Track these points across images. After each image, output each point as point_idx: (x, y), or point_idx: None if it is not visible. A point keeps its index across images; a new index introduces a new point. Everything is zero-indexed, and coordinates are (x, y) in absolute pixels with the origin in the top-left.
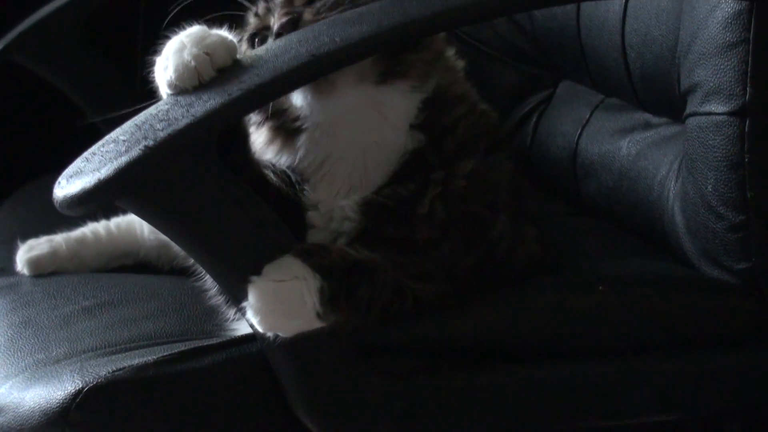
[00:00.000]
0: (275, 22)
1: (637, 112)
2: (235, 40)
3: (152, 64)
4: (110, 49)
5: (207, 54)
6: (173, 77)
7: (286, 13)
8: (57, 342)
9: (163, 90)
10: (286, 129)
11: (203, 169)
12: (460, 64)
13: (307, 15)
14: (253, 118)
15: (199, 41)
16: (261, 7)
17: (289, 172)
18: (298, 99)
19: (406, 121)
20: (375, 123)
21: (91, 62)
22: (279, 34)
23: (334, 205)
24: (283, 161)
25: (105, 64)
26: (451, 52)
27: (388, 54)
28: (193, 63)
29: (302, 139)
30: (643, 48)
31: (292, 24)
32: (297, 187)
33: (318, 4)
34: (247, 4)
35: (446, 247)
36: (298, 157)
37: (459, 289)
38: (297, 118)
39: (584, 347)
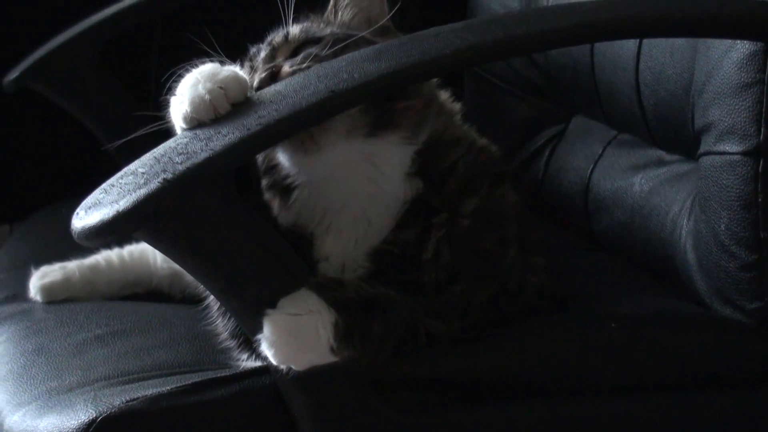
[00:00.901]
0: (257, 77)
1: (650, 149)
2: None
3: (167, 90)
4: (124, 75)
5: (221, 88)
6: (189, 110)
7: (266, 69)
8: (70, 370)
9: (179, 125)
10: (280, 186)
11: (221, 203)
12: (456, 107)
13: (286, 68)
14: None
15: (212, 76)
16: (246, 67)
17: (293, 229)
18: (282, 158)
19: (401, 171)
20: (369, 175)
21: (106, 89)
22: (259, 88)
23: (345, 258)
24: (283, 219)
25: (119, 91)
26: (445, 96)
27: (375, 103)
28: (208, 97)
29: (295, 196)
30: (657, 86)
31: (271, 77)
32: (305, 241)
33: (297, 58)
34: (228, 61)
35: (457, 288)
36: (295, 214)
37: (473, 324)
38: (287, 176)
39: (596, 384)
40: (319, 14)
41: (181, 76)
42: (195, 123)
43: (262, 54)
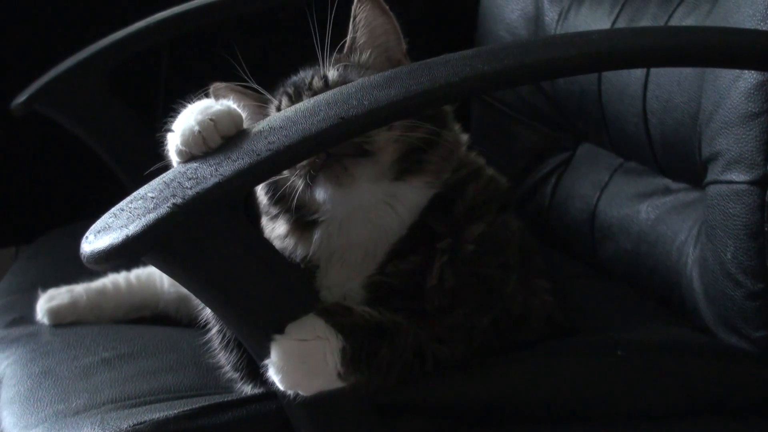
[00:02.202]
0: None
1: (656, 177)
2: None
3: (164, 128)
4: (132, 99)
5: (212, 120)
6: (180, 143)
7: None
8: (77, 393)
9: (174, 160)
10: (303, 222)
11: (230, 228)
12: (464, 137)
13: None
14: (270, 209)
15: (204, 110)
16: (284, 102)
17: (303, 263)
18: (320, 193)
19: (415, 210)
20: (386, 215)
21: (114, 113)
22: None
23: (346, 288)
24: (298, 253)
25: (126, 115)
26: (455, 126)
27: (407, 154)
28: (197, 128)
29: (318, 232)
30: (664, 114)
31: None
32: (308, 271)
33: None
34: (267, 95)
35: (460, 312)
36: (312, 250)
37: (479, 348)
38: (315, 212)
39: (601, 412)
40: (339, 53)
41: (179, 111)
42: (187, 156)
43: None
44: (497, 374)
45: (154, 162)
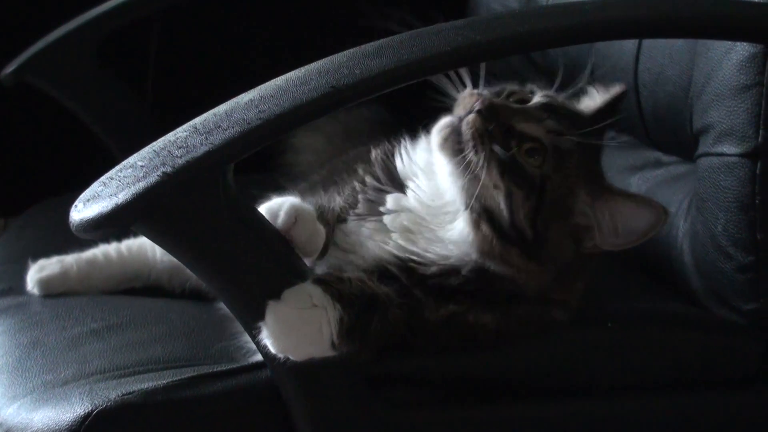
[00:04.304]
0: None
1: (648, 150)
2: None
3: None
4: (122, 70)
5: None
6: None
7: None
8: (66, 363)
9: None
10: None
11: (220, 197)
12: None
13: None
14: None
15: None
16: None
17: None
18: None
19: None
20: None
21: (104, 84)
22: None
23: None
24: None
25: (117, 86)
26: None
27: None
28: None
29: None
30: (655, 87)
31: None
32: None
33: None
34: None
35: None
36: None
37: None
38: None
39: (592, 384)
40: None
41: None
42: None
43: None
44: (486, 346)
45: (143, 132)
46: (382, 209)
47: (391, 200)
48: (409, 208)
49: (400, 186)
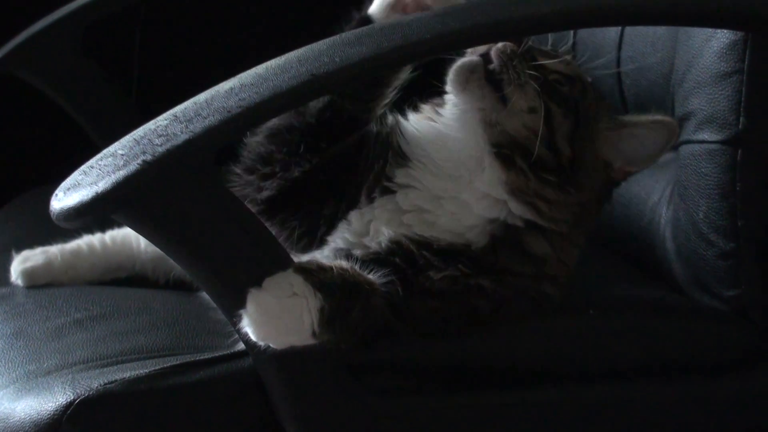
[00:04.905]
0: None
1: None
2: None
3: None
4: (106, 61)
5: None
6: None
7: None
8: (48, 353)
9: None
10: None
11: (201, 185)
12: None
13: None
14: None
15: None
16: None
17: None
18: None
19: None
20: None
21: (87, 75)
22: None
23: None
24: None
25: (101, 77)
26: None
27: None
28: None
29: None
30: (638, 75)
31: None
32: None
33: None
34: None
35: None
36: None
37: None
38: None
39: (574, 371)
40: None
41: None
42: None
43: None
44: (470, 334)
45: (127, 123)
46: (393, 186)
47: (401, 174)
48: (422, 182)
49: (406, 162)
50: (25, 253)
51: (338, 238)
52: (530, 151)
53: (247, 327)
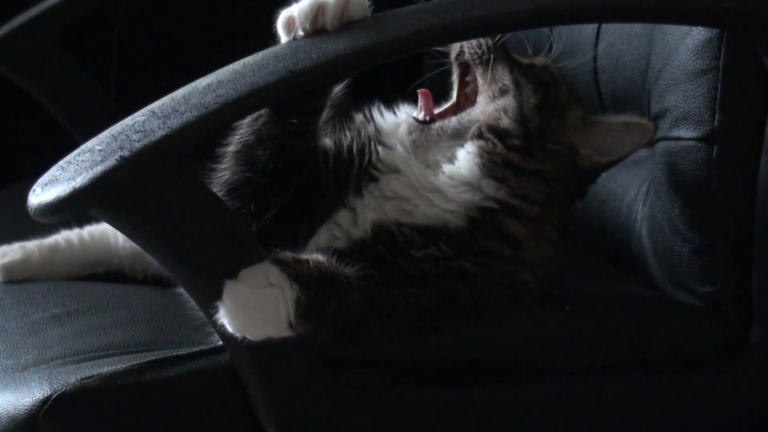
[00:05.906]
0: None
1: None
2: None
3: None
4: (85, 56)
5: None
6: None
7: None
8: (26, 349)
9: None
10: None
11: (178, 181)
12: None
13: None
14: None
15: None
16: None
17: None
18: None
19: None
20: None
21: (66, 70)
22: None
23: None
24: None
25: (80, 73)
26: None
27: None
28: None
29: None
30: (614, 72)
31: None
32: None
33: None
34: None
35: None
36: None
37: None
38: None
39: (550, 366)
40: None
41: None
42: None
43: None
44: (447, 329)
45: (106, 119)
46: (376, 173)
47: (383, 153)
48: (400, 168)
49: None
50: (3, 248)
51: (320, 237)
52: (501, 127)
53: (224, 318)
